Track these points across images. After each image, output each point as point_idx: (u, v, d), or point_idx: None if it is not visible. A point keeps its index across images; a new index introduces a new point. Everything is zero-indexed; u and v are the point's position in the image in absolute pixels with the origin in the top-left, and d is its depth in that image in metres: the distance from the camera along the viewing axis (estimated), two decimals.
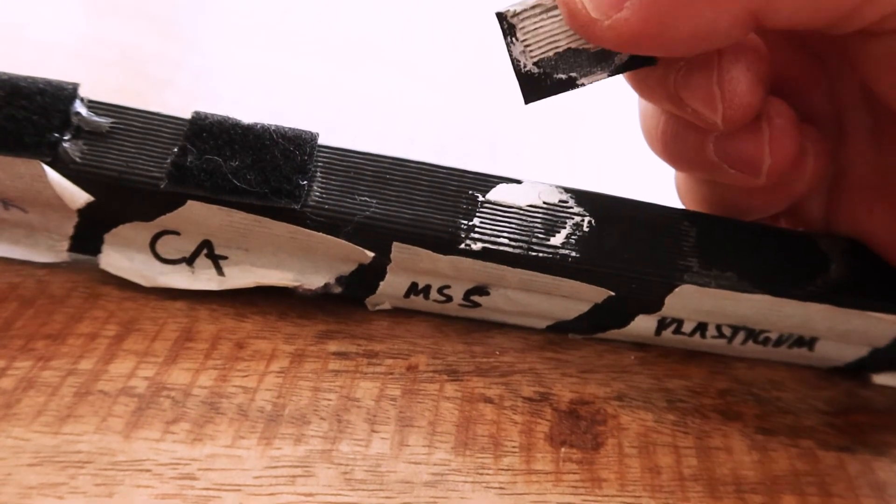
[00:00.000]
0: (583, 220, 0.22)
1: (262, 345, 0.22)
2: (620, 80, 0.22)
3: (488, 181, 0.22)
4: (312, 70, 0.41)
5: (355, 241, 0.21)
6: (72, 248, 0.22)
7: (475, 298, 0.23)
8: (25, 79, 0.20)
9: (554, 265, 0.21)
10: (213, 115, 0.21)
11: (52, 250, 0.22)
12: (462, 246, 0.21)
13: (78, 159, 0.20)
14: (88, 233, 0.22)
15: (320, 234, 0.21)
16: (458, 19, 0.54)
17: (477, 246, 0.21)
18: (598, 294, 0.22)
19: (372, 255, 0.21)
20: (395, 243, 0.21)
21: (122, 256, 0.22)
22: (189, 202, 0.21)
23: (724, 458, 0.22)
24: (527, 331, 0.25)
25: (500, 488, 0.20)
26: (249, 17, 0.47)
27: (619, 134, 0.42)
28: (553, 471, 0.20)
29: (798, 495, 0.21)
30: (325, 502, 0.18)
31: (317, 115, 0.36)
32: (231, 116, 0.21)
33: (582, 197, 0.22)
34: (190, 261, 0.22)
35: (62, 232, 0.22)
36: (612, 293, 0.22)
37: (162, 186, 0.20)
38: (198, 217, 0.21)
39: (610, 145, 0.42)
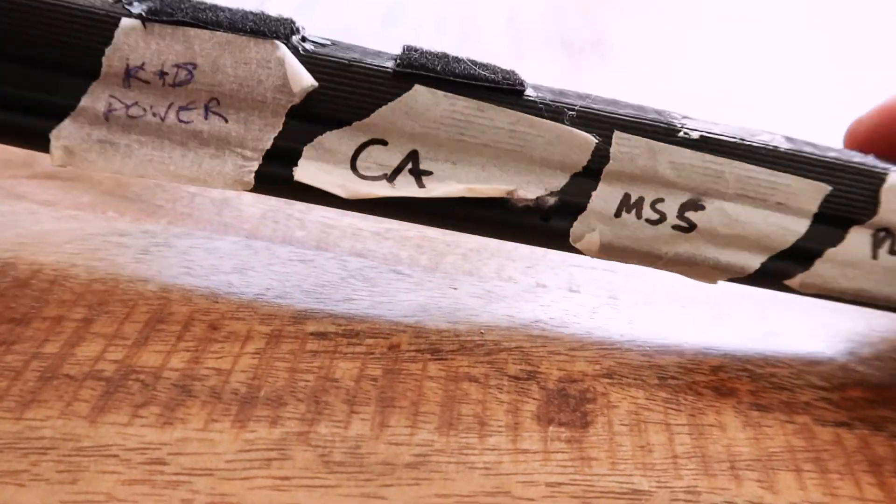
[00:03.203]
0: (774, 136, 0.23)
1: (237, 326, 0.21)
2: None
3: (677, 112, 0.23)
4: None
5: (578, 128, 0.21)
6: (261, 171, 0.21)
7: (690, 216, 0.22)
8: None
9: (769, 154, 0.22)
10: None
11: (237, 172, 0.21)
12: (681, 134, 0.22)
13: (309, 49, 0.21)
14: (288, 145, 0.21)
15: (545, 121, 0.21)
16: (441, 9, 0.53)
17: (695, 135, 0.22)
18: (816, 193, 0.22)
19: (596, 139, 0.21)
20: (615, 133, 0.21)
21: (320, 170, 0.21)
22: (416, 87, 0.20)
23: (718, 435, 0.21)
24: (514, 308, 0.24)
25: (486, 468, 0.19)
26: (228, 4, 0.46)
27: None
28: (541, 450, 0.19)
29: (794, 472, 0.20)
30: (302, 485, 0.18)
31: None
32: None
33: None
34: (391, 177, 0.21)
35: (258, 146, 0.21)
36: (830, 188, 0.22)
37: (393, 66, 0.21)
38: (419, 107, 0.21)
39: None
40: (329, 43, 0.21)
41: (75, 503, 0.16)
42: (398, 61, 0.21)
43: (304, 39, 0.21)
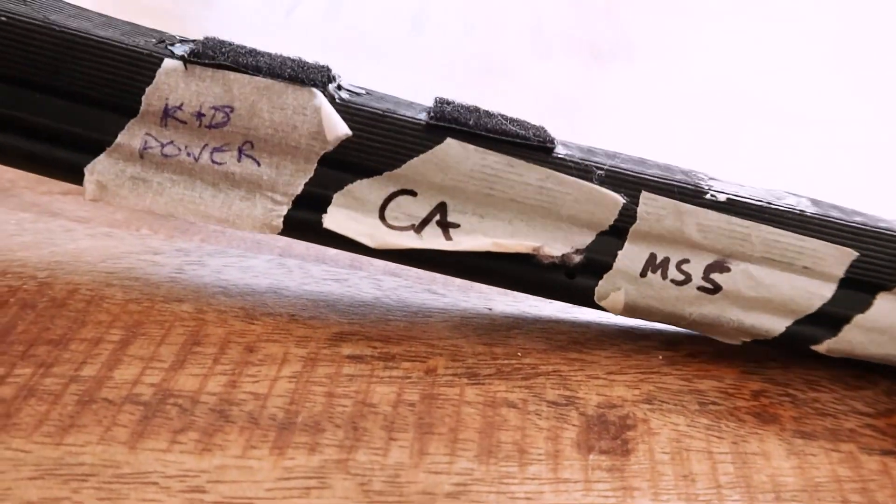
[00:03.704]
0: (800, 199, 0.23)
1: (273, 348, 0.21)
2: None
3: (703, 172, 0.23)
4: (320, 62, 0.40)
5: (606, 187, 0.21)
6: (290, 216, 0.21)
7: (715, 278, 0.22)
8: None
9: (796, 218, 0.22)
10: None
11: (266, 216, 0.21)
12: (708, 196, 0.21)
13: (345, 97, 0.21)
14: (318, 191, 0.21)
15: (573, 179, 0.21)
16: (468, 15, 0.53)
17: (722, 197, 0.22)
18: (843, 258, 0.22)
19: (624, 199, 0.21)
20: (643, 193, 0.21)
21: (348, 218, 0.21)
22: (448, 140, 0.21)
23: (762, 464, 0.21)
24: (549, 330, 0.24)
25: (527, 499, 0.18)
26: (255, 12, 0.46)
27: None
28: (582, 479, 0.19)
29: (841, 503, 0.20)
30: None
31: None
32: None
33: (785, 191, 0.23)
34: (419, 228, 0.21)
35: (289, 191, 0.21)
36: (857, 254, 0.22)
37: (426, 118, 0.21)
38: (450, 160, 0.21)
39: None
40: (364, 92, 0.21)
41: None
42: (431, 114, 0.21)
43: (339, 88, 0.21)
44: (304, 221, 0.21)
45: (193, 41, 0.21)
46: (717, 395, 0.23)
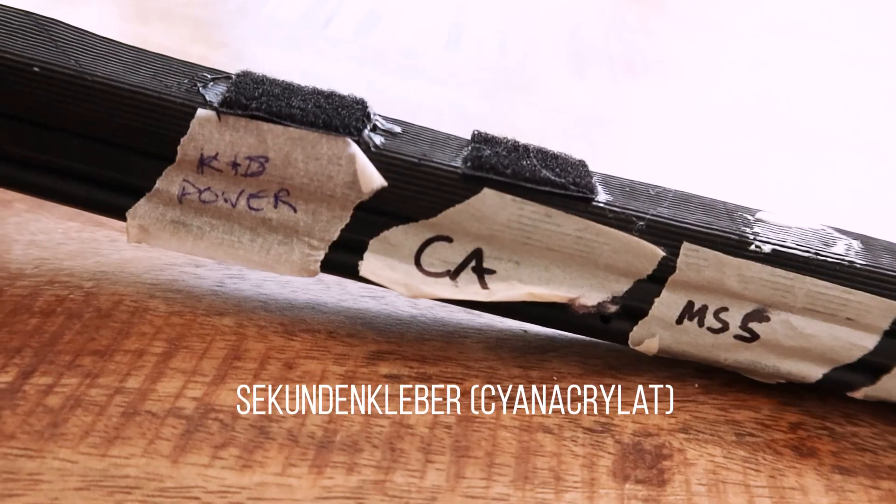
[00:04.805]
0: (851, 243, 0.22)
1: (311, 365, 0.22)
2: None
3: (749, 209, 0.22)
4: (353, 76, 0.40)
5: (646, 238, 0.21)
6: (327, 260, 0.21)
7: (753, 327, 0.22)
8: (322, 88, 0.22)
9: (843, 271, 0.21)
10: (493, 134, 0.22)
11: (304, 260, 0.21)
12: (752, 248, 0.21)
13: (379, 145, 0.21)
14: (354, 237, 0.21)
15: (612, 230, 0.21)
16: (503, 30, 0.53)
17: (767, 248, 0.21)
18: (889, 312, 0.21)
19: (663, 252, 0.21)
20: (684, 244, 0.21)
21: (384, 265, 0.21)
22: (485, 190, 0.20)
23: (800, 499, 0.20)
24: (585, 354, 0.24)
25: None
26: (292, 23, 0.46)
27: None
28: None
29: None
30: None
31: None
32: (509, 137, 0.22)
33: (839, 230, 0.23)
34: (454, 274, 0.21)
35: (325, 236, 0.21)
36: None
37: (463, 169, 0.20)
38: (487, 210, 0.20)
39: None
40: (400, 131, 0.21)
41: None
42: (468, 162, 0.20)
43: (375, 129, 0.21)
44: (341, 265, 0.21)
45: (226, 79, 0.21)
46: (754, 427, 0.22)
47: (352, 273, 0.21)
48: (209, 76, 0.21)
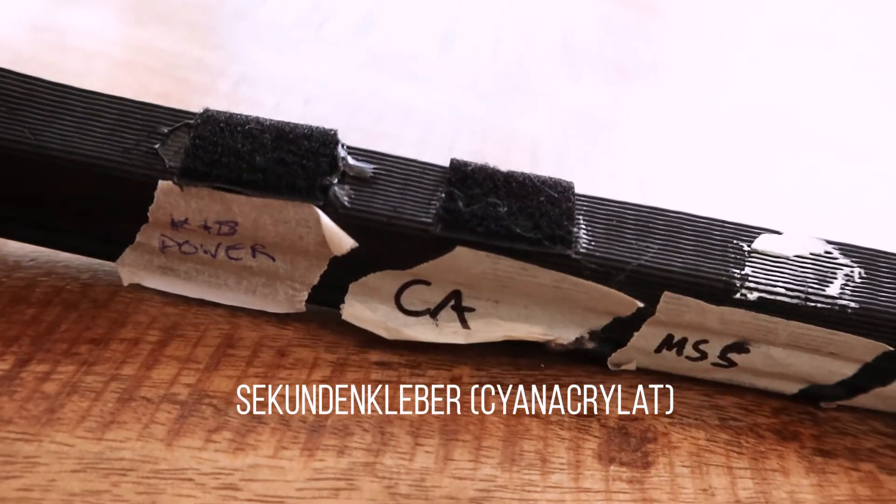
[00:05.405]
0: (852, 272, 0.21)
1: (303, 353, 0.22)
2: None
3: (750, 231, 0.22)
4: (349, 78, 0.41)
5: (626, 290, 0.20)
6: (311, 298, 0.22)
7: (732, 356, 0.22)
8: (287, 124, 0.21)
9: (833, 317, 0.20)
10: (471, 162, 0.21)
11: (289, 300, 0.22)
12: (737, 296, 0.20)
13: (347, 204, 0.20)
14: (334, 282, 0.21)
15: (590, 283, 0.20)
16: (498, 27, 0.53)
17: (753, 296, 0.20)
18: (873, 350, 0.21)
19: (641, 304, 0.20)
20: (665, 293, 0.20)
21: (366, 307, 0.22)
22: (458, 248, 0.20)
23: (781, 480, 0.21)
24: None
25: None
26: (288, 25, 0.47)
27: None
28: (603, 489, 0.20)
29: None
30: None
31: (354, 122, 0.36)
32: (487, 164, 0.21)
33: (845, 249, 0.22)
34: (434, 313, 0.22)
35: (306, 281, 0.21)
36: (891, 349, 0.21)
37: (435, 231, 0.20)
38: (461, 265, 0.20)
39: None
40: (370, 172, 0.20)
41: None
42: (440, 222, 0.20)
43: (343, 177, 0.20)
44: (326, 300, 0.22)
45: (186, 127, 0.20)
46: (738, 411, 0.23)
47: (336, 307, 0.22)
48: (166, 127, 0.21)
